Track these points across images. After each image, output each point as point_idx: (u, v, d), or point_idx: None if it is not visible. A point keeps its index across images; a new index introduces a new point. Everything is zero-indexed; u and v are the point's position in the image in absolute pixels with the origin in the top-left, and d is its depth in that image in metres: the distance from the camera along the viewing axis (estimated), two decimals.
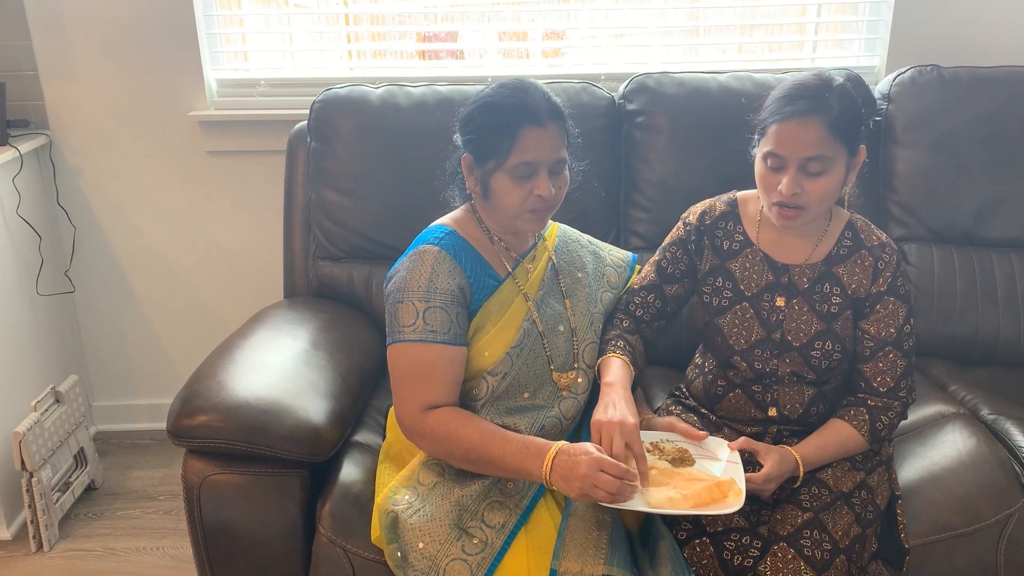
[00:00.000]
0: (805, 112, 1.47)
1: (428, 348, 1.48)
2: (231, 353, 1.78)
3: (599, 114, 2.17)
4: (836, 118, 1.47)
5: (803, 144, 1.47)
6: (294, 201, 2.23)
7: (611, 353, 1.61)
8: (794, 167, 1.49)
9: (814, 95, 1.48)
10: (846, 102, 1.49)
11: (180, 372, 2.77)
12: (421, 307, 1.49)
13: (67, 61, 2.54)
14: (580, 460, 1.35)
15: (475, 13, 2.64)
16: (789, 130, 1.48)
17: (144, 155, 2.64)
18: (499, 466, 1.44)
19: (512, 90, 1.51)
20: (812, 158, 1.47)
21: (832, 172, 1.50)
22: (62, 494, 2.42)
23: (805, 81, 1.51)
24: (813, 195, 1.50)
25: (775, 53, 2.71)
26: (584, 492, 1.34)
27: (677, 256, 1.72)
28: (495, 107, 1.51)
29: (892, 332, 1.59)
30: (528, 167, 1.48)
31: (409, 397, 1.49)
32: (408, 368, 1.49)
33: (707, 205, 1.72)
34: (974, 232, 2.17)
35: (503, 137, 1.47)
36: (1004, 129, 2.14)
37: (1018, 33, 2.50)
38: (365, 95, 2.18)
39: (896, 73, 2.24)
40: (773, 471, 1.50)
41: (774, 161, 1.51)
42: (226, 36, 2.62)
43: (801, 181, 1.49)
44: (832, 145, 1.48)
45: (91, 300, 2.79)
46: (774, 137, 1.50)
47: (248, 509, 1.59)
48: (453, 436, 1.45)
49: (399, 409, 1.51)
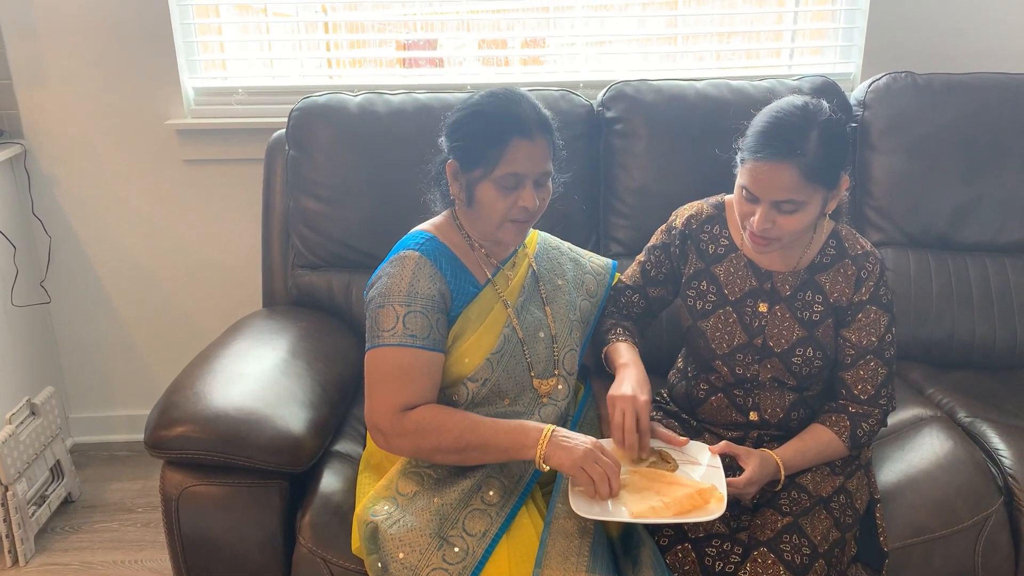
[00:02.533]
0: (778, 157, 1.44)
1: (406, 352, 1.48)
2: (209, 363, 1.77)
3: (578, 121, 2.18)
4: (811, 163, 1.43)
5: (775, 188, 1.46)
6: (272, 209, 2.22)
7: (616, 340, 1.66)
8: (766, 205, 1.48)
9: (790, 138, 1.44)
10: (826, 142, 1.45)
11: (158, 383, 2.74)
12: (401, 311, 1.48)
13: (42, 69, 2.52)
14: (579, 443, 1.42)
15: (454, 21, 2.65)
16: (762, 172, 1.46)
17: (121, 164, 2.62)
18: (490, 447, 1.44)
19: (503, 100, 1.52)
20: (784, 201, 1.47)
21: (806, 210, 1.49)
22: (38, 508, 2.38)
23: (787, 116, 1.47)
24: (786, 229, 1.50)
25: (752, 60, 2.73)
26: (581, 466, 1.39)
27: (660, 260, 1.73)
28: (485, 116, 1.51)
29: (873, 341, 1.60)
30: (515, 178, 1.49)
31: (385, 399, 1.47)
32: (385, 372, 1.48)
33: (695, 208, 1.72)
34: (949, 236, 2.20)
35: (492, 147, 1.48)
36: (977, 134, 2.17)
37: (989, 40, 2.54)
38: (344, 103, 2.17)
39: (871, 80, 2.27)
40: (754, 475, 1.51)
41: (748, 195, 1.51)
42: (203, 44, 2.60)
43: (773, 217, 1.49)
44: (805, 189, 1.46)
45: (67, 311, 2.76)
46: (748, 175, 1.49)
47: (227, 520, 1.58)
48: (442, 425, 1.45)
49: (373, 413, 1.49)
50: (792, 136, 1.44)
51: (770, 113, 1.50)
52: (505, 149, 1.47)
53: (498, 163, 1.48)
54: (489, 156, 1.48)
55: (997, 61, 2.46)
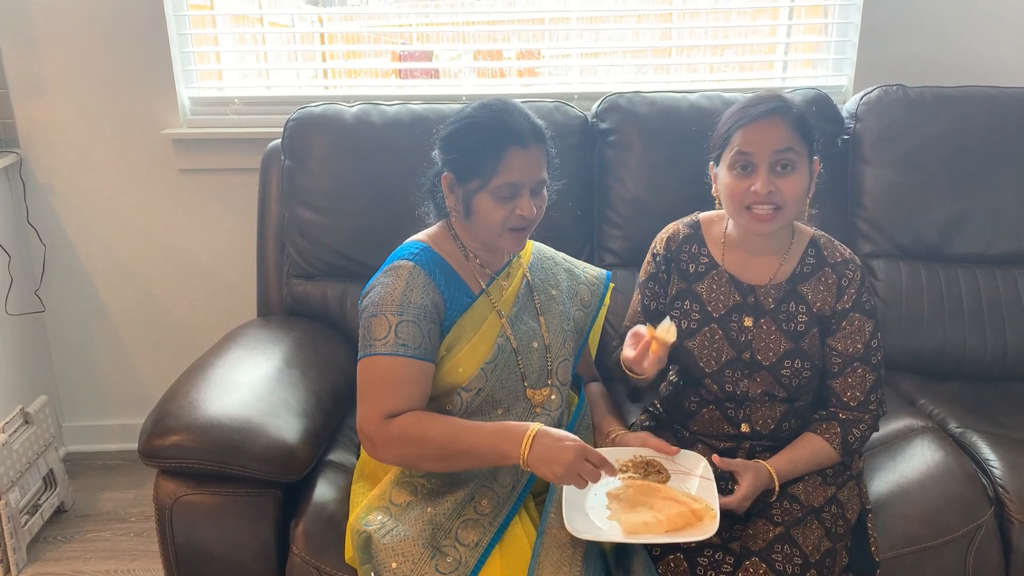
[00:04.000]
0: (770, 112, 1.53)
1: (397, 361, 1.48)
2: (204, 372, 1.77)
3: (572, 132, 2.19)
4: (798, 116, 1.54)
5: (772, 139, 1.52)
6: (268, 219, 2.23)
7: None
8: (765, 165, 1.53)
9: (774, 99, 1.57)
10: (804, 108, 1.58)
11: (152, 392, 2.72)
12: (394, 320, 1.49)
13: (38, 78, 2.52)
14: (567, 446, 1.38)
15: (450, 32, 2.66)
16: (756, 129, 1.53)
17: (116, 173, 2.62)
18: (474, 454, 1.43)
19: (496, 111, 1.53)
20: (783, 150, 1.52)
21: (800, 171, 1.55)
22: (31, 517, 2.38)
23: (760, 94, 1.60)
24: (788, 193, 1.54)
25: (746, 72, 2.75)
26: (563, 478, 1.38)
27: (655, 291, 1.75)
28: (479, 128, 1.52)
29: (859, 348, 1.62)
30: (511, 188, 1.50)
31: (373, 406, 1.48)
32: (375, 379, 1.49)
33: (671, 231, 1.74)
34: (940, 248, 2.21)
35: (488, 158, 1.49)
36: (967, 147, 2.18)
37: (979, 54, 2.56)
38: (339, 113, 2.18)
39: (863, 92, 2.29)
40: (749, 490, 1.52)
41: (743, 160, 1.54)
42: (200, 54, 2.62)
43: (774, 180, 1.53)
44: (798, 142, 1.54)
45: (62, 319, 2.76)
46: (741, 138, 1.55)
47: (221, 530, 1.58)
48: (423, 434, 1.44)
49: (361, 419, 1.50)
50: (774, 99, 1.57)
51: (743, 98, 1.62)
52: (501, 160, 1.48)
53: (494, 174, 1.49)
54: (485, 167, 1.49)
55: (987, 75, 2.48)
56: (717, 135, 1.61)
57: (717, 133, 1.61)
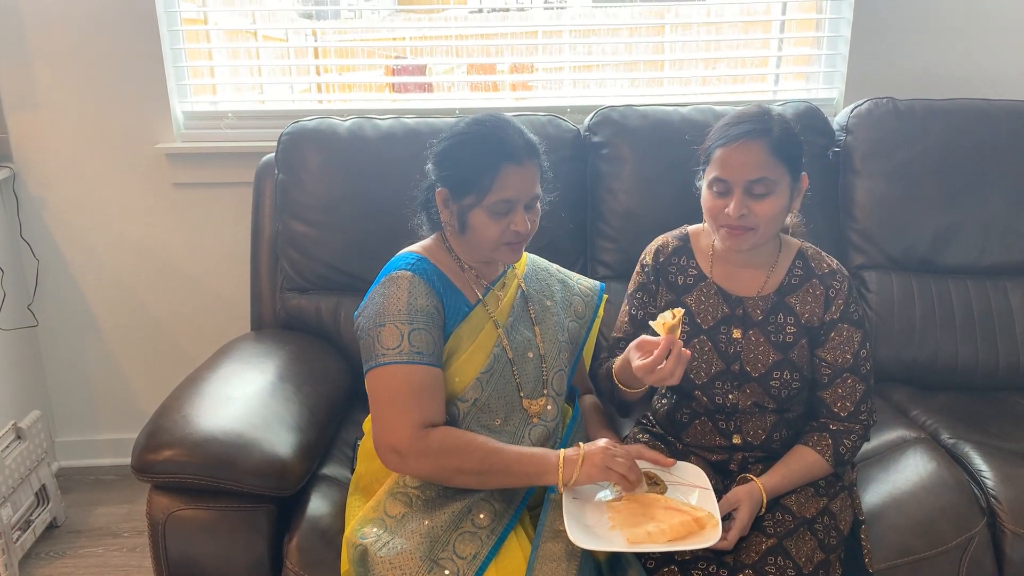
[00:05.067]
0: (747, 135, 1.53)
1: (416, 370, 1.48)
2: (197, 386, 1.77)
3: (565, 146, 2.21)
4: (777, 140, 1.53)
5: (747, 166, 1.53)
6: (261, 233, 2.23)
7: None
8: (740, 190, 1.54)
9: (755, 120, 1.56)
10: (786, 128, 1.56)
11: (145, 406, 2.73)
12: (405, 329, 1.48)
13: (31, 92, 2.53)
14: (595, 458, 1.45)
15: (443, 47, 2.68)
16: (733, 153, 1.54)
17: (110, 188, 2.62)
18: (513, 472, 1.47)
19: (490, 127, 1.54)
20: (756, 180, 1.53)
21: (777, 194, 1.55)
22: (23, 533, 2.37)
23: (746, 111, 1.59)
24: (761, 216, 1.55)
25: (738, 85, 2.77)
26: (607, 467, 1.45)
27: (644, 301, 1.75)
28: (473, 144, 1.53)
29: (848, 358, 1.62)
30: (507, 204, 1.51)
31: (403, 418, 1.45)
32: (397, 390, 1.47)
33: (660, 243, 1.75)
34: (931, 259, 2.22)
35: (483, 174, 1.49)
36: (957, 159, 2.20)
37: (968, 67, 2.59)
38: (333, 127, 2.19)
39: (854, 105, 2.30)
40: (748, 519, 1.52)
41: (720, 187, 1.56)
42: (193, 69, 2.62)
43: (747, 203, 1.54)
44: (775, 167, 1.53)
45: (54, 334, 2.75)
46: (719, 162, 1.56)
47: (214, 545, 1.57)
48: (467, 447, 1.45)
49: (390, 433, 1.46)
50: (756, 119, 1.56)
51: (730, 114, 1.62)
52: (496, 177, 1.49)
53: (489, 190, 1.50)
54: (480, 184, 1.50)
55: (976, 87, 2.51)
56: (701, 150, 1.63)
57: (701, 148, 1.63)
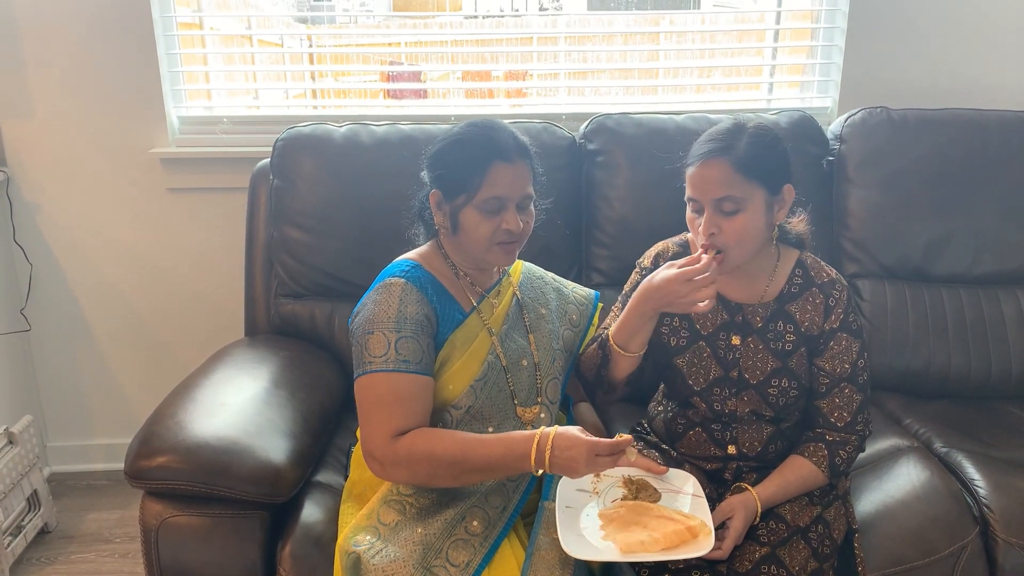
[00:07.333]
0: (711, 155, 1.54)
1: (400, 378, 1.48)
2: (190, 392, 1.76)
3: (560, 153, 2.21)
4: (742, 157, 1.52)
5: (711, 185, 1.53)
6: (256, 238, 2.23)
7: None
8: (709, 209, 1.54)
9: (722, 139, 1.55)
10: (756, 143, 1.55)
11: (138, 412, 2.72)
12: (392, 337, 1.49)
13: (25, 97, 2.52)
14: (575, 455, 1.38)
15: (438, 53, 2.68)
16: (698, 173, 1.55)
17: (104, 192, 2.62)
18: (488, 470, 1.44)
19: (481, 128, 1.55)
20: (722, 198, 1.53)
21: (748, 211, 1.54)
22: (14, 538, 2.35)
23: (718, 128, 1.59)
24: (731, 235, 1.54)
25: (732, 94, 2.78)
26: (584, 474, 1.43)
27: None
28: (465, 143, 1.54)
29: (847, 368, 1.63)
30: (497, 202, 1.51)
31: (379, 427, 1.46)
32: (379, 398, 1.48)
33: (660, 247, 1.75)
34: (924, 268, 2.23)
35: (473, 172, 1.50)
36: (950, 168, 2.21)
37: (961, 77, 2.60)
38: (328, 133, 2.19)
39: (847, 114, 2.31)
40: (742, 528, 1.52)
41: (693, 205, 1.58)
42: (189, 74, 2.62)
43: (718, 221, 1.54)
44: (741, 184, 1.52)
45: (47, 339, 2.74)
46: (689, 182, 1.58)
47: (207, 551, 1.57)
48: (432, 454, 1.44)
49: (368, 442, 1.48)
50: (723, 138, 1.55)
51: (706, 131, 1.61)
52: (486, 174, 1.50)
53: (480, 188, 1.50)
54: (471, 182, 1.51)
55: (969, 97, 2.52)
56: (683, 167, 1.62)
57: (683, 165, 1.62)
